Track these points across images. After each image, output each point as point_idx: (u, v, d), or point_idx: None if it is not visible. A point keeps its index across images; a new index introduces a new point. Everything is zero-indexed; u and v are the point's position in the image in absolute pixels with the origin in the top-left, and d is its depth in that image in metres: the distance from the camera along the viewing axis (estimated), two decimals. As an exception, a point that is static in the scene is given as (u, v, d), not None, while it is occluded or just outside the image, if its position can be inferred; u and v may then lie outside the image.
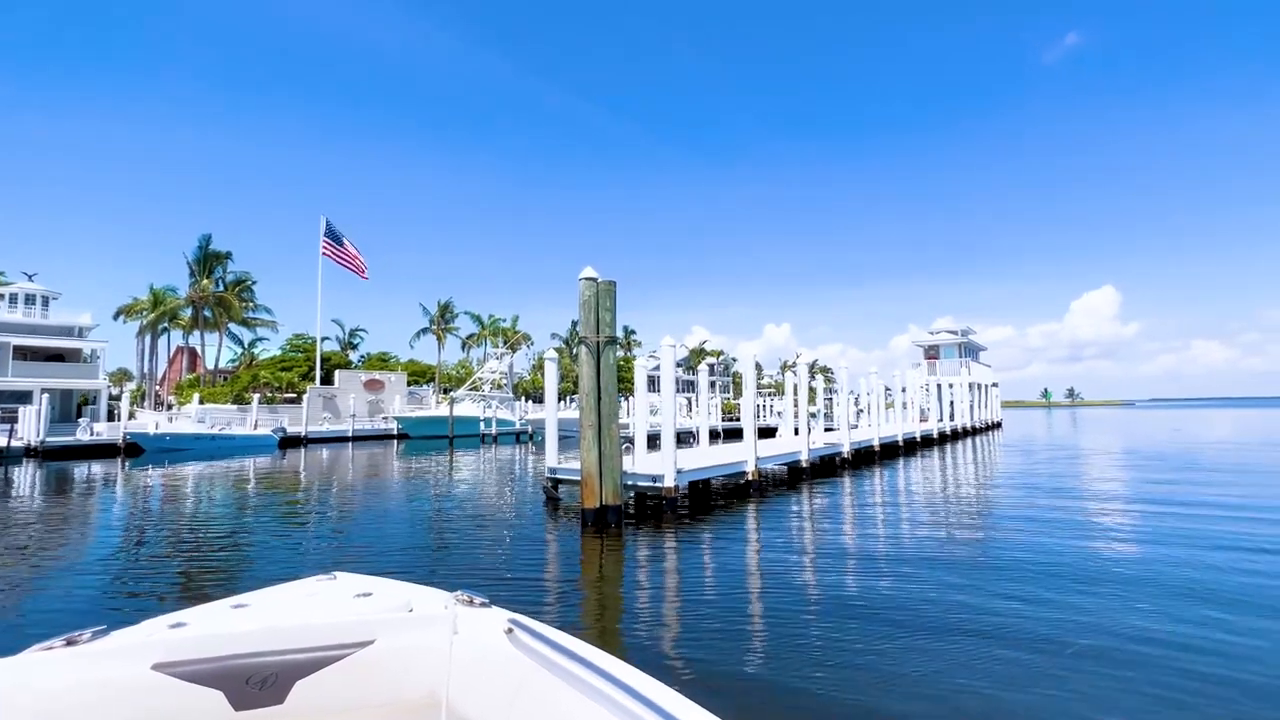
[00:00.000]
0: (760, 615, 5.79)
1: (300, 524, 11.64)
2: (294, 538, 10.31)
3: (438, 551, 8.90)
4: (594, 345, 10.23)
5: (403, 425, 39.32)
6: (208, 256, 49.36)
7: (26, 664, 1.84)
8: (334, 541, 9.89)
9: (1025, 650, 4.73)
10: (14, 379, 33.51)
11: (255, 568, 8.17)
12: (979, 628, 5.22)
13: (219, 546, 9.48)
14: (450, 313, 63.40)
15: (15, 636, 5.67)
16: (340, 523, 11.65)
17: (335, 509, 13.20)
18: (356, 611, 2.20)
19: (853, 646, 4.86)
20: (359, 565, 7.97)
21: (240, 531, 10.76)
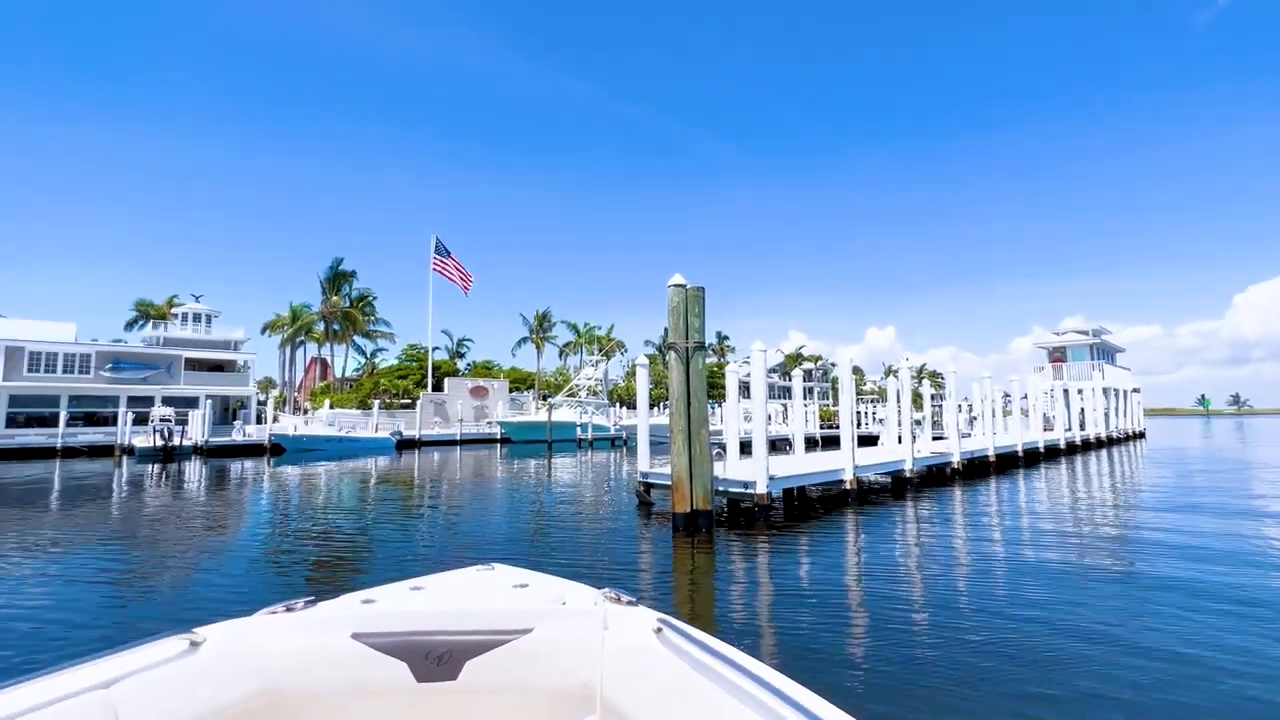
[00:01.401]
0: (860, 627, 5.58)
1: (419, 518, 12.59)
2: (414, 531, 11.19)
3: (538, 547, 9.30)
4: (683, 351, 10.31)
5: (505, 430, 41.33)
6: (336, 276, 54.62)
7: (259, 625, 2.22)
8: (447, 535, 10.63)
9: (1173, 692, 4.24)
10: (185, 387, 38.69)
11: (383, 557, 8.95)
12: (1113, 667, 4.74)
13: (353, 537, 10.47)
14: (548, 322, 65.98)
15: (206, 607, 6.59)
16: (452, 518, 12.50)
17: (447, 506, 14.17)
18: (516, 601, 2.35)
19: (962, 672, 4.57)
20: (468, 557, 8.51)
21: (369, 524, 11.83)
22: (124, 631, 5.70)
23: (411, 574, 3.01)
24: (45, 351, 35.66)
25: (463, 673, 2.14)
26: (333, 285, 54.35)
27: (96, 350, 37.38)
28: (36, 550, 9.34)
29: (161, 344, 40.51)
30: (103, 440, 33.41)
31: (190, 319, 42.65)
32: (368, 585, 2.78)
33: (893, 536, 9.88)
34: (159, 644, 1.97)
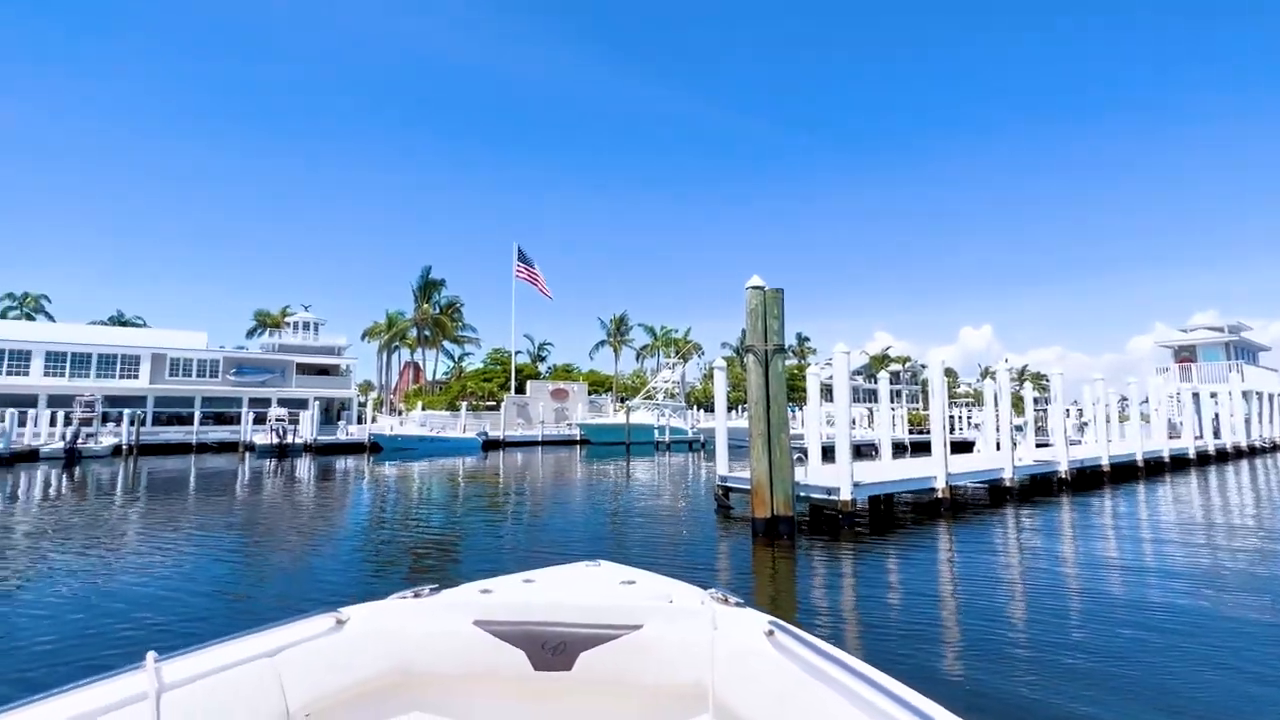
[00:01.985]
0: (954, 646, 5.26)
1: (508, 516, 13.10)
2: (505, 527, 11.67)
3: (618, 546, 9.41)
4: (762, 354, 10.13)
5: (584, 432, 42.18)
6: (427, 284, 57.83)
7: (393, 608, 2.40)
8: (535, 532, 10.99)
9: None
10: (296, 389, 42.18)
11: (480, 551, 9.38)
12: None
13: (452, 532, 11.06)
14: (625, 326, 66.80)
15: (339, 589, 7.14)
16: (537, 516, 12.93)
17: (533, 504, 14.66)
18: (625, 597, 2.40)
19: (1068, 704, 4.21)
20: (553, 553, 8.75)
21: (465, 519, 12.44)
22: (274, 608, 6.36)
23: (505, 566, 3.15)
24: (182, 358, 39.98)
25: (577, 664, 2.21)
26: (423, 293, 57.58)
27: (224, 356, 41.49)
28: (195, 534, 10.50)
29: (277, 350, 44.41)
30: (228, 438, 37.04)
31: (301, 327, 46.49)
32: (463, 576, 2.92)
33: (991, 550, 9.24)
34: (312, 620, 2.20)
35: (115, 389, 36.72)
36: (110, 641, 5.31)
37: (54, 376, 36.22)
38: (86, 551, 9.13)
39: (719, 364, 13.96)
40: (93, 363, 37.47)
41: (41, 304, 53.45)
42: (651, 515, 12.88)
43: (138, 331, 46.27)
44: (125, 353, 38.50)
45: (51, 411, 32.52)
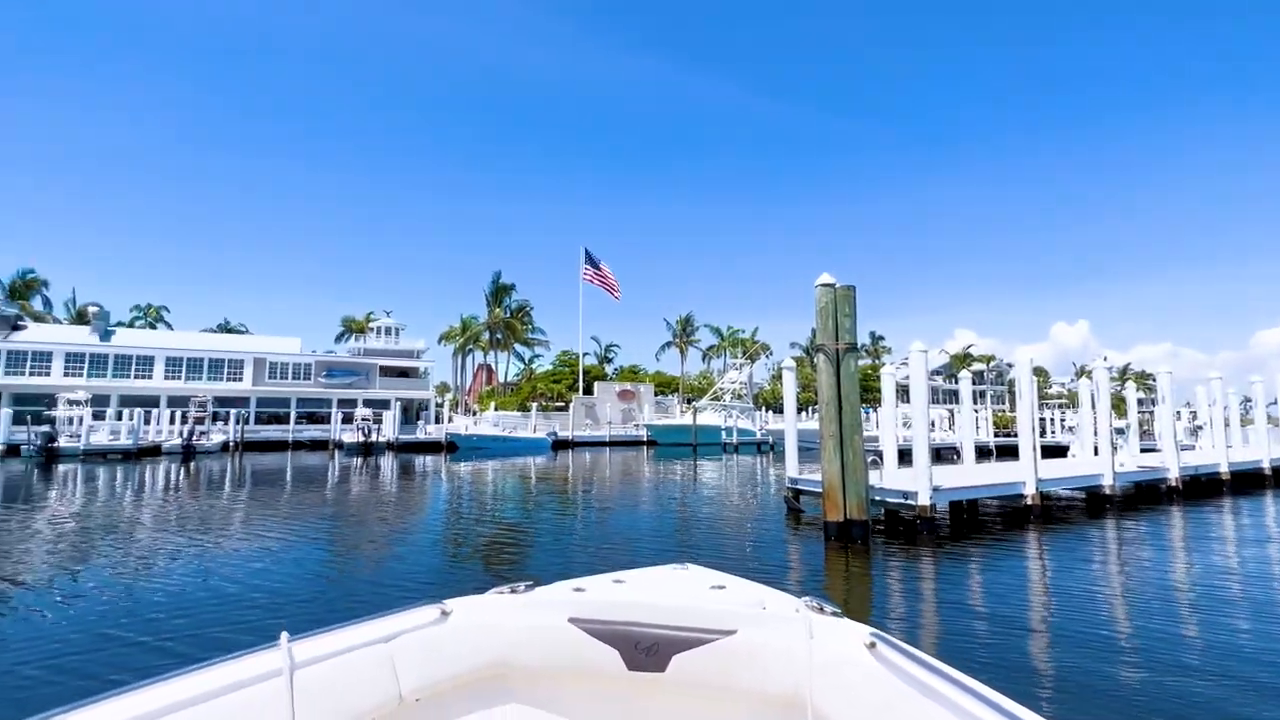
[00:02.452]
0: (1047, 662, 4.93)
1: (580, 513, 13.37)
2: (577, 524, 11.92)
3: (686, 548, 9.40)
4: (833, 353, 9.85)
5: (651, 432, 42.36)
6: (498, 289, 59.80)
7: (492, 602, 2.50)
8: (605, 530, 11.16)
9: None
10: (379, 391, 44.63)
11: (556, 548, 9.63)
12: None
13: (528, 529, 11.42)
14: (691, 326, 66.57)
15: (433, 581, 7.55)
16: (608, 514, 13.12)
17: (604, 503, 14.89)
18: (717, 602, 2.39)
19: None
20: (625, 551, 8.86)
21: (538, 516, 12.81)
22: (373, 595, 6.87)
23: (583, 565, 3.22)
24: (280, 362, 43.17)
25: (670, 666, 2.21)
26: (495, 298, 59.58)
27: (315, 360, 44.47)
28: (300, 525, 11.37)
29: (362, 354, 47.16)
30: (320, 436, 39.66)
31: (383, 332, 49.15)
32: (540, 572, 3.01)
33: (1089, 562, 8.58)
34: (419, 610, 2.33)
35: (223, 391, 40.12)
36: (236, 620, 5.89)
37: (173, 379, 39.98)
38: (209, 538, 10.06)
39: (788, 364, 13.68)
40: (204, 367, 41.10)
41: (161, 314, 59.12)
42: (720, 516, 12.78)
43: (241, 338, 50.36)
44: (231, 358, 41.99)
45: (171, 411, 35.90)
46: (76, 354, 38.31)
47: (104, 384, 37.53)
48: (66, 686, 4.37)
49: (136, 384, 38.80)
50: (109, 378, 38.40)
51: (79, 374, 37.79)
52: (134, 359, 39.64)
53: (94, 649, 5.15)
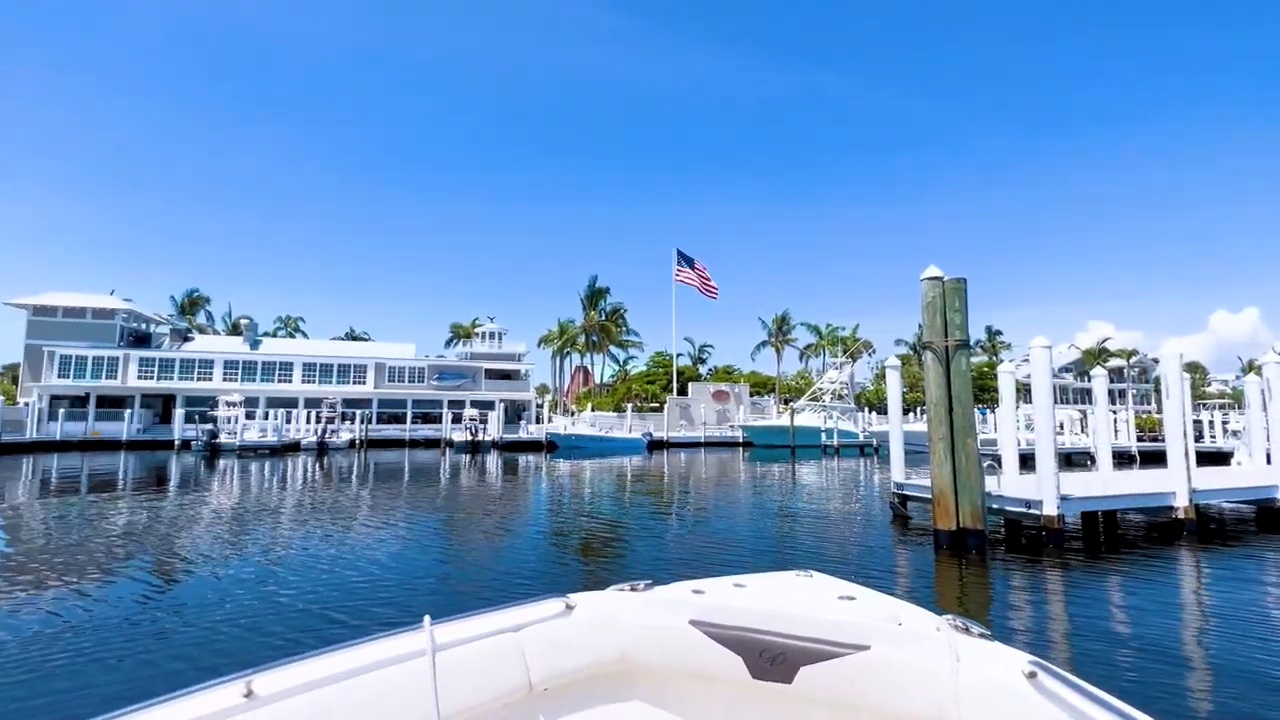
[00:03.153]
0: (1211, 707, 4.34)
1: (675, 512, 13.44)
2: (672, 523, 12.01)
3: (783, 553, 9.17)
4: (941, 351, 9.22)
5: (747, 434, 41.68)
6: (594, 293, 61.31)
7: (613, 598, 2.54)
8: (700, 530, 11.14)
9: None
10: (485, 392, 47.13)
11: (650, 546, 9.77)
12: None
13: (629, 525, 11.66)
14: (787, 325, 64.85)
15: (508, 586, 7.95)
16: (702, 514, 13.08)
17: (698, 503, 14.87)
18: (847, 614, 2.26)
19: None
20: (717, 556, 8.81)
21: (635, 514, 13.03)
22: (500, 584, 7.28)
23: (683, 564, 3.21)
24: (397, 366, 46.74)
25: (798, 678, 2.14)
26: (591, 301, 61.14)
27: (428, 365, 47.71)
28: (425, 515, 12.33)
29: (469, 358, 50.04)
30: (432, 435, 42.48)
31: (487, 336, 51.87)
32: (648, 571, 3.04)
33: (1261, 586, 7.46)
34: (546, 603, 2.40)
35: (350, 393, 44.02)
36: (382, 597, 6.57)
37: (309, 383, 44.42)
38: (352, 524, 11.15)
39: (892, 363, 12.97)
40: (334, 372, 45.31)
41: (299, 324, 65.96)
42: (821, 520, 12.34)
43: (364, 345, 55.04)
44: (356, 363, 46.00)
45: (307, 411, 39.91)
46: (232, 361, 43.52)
47: (254, 387, 42.36)
48: (257, 643, 5.22)
49: (279, 387, 43.46)
50: (258, 382, 43.29)
51: (234, 378, 42.91)
52: (277, 365, 44.42)
53: (276, 613, 6.06)
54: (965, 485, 8.85)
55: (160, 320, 48.00)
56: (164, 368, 41.87)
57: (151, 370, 41.47)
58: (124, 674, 4.69)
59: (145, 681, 4.52)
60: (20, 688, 4.39)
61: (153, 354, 42.13)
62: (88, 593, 6.93)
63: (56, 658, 4.95)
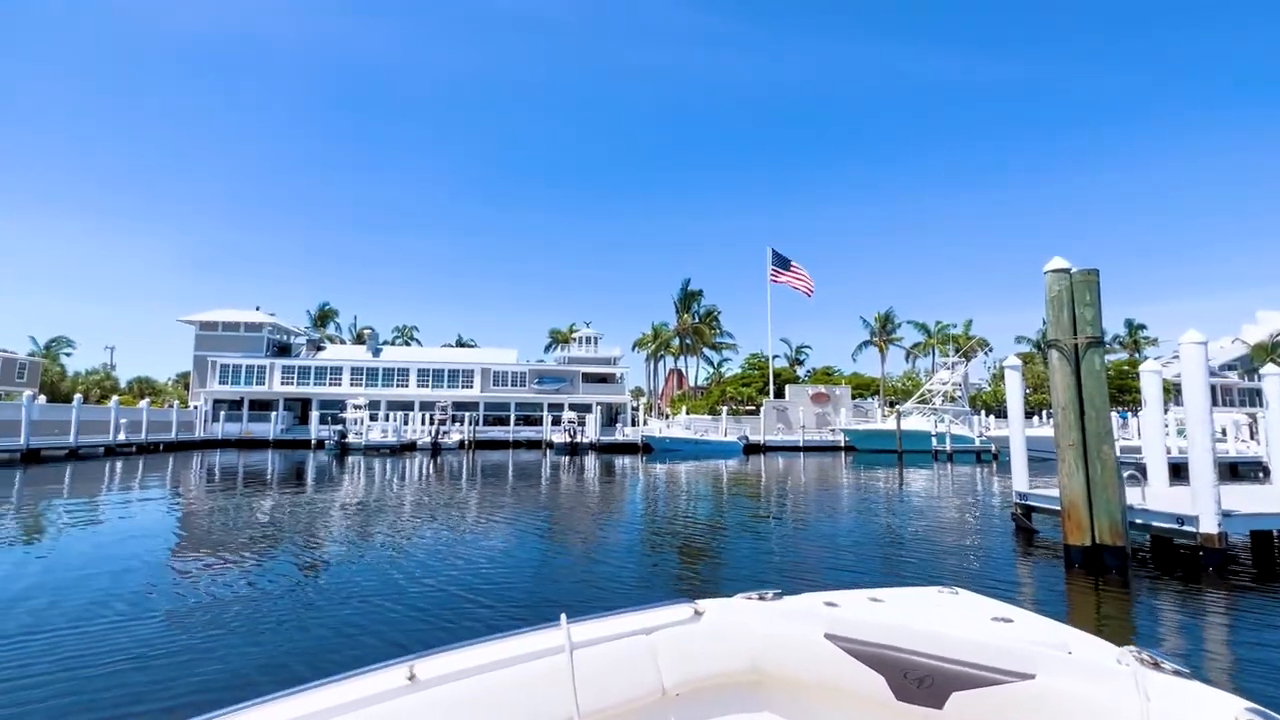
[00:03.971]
0: None
1: (775, 518, 13.19)
2: (771, 529, 11.79)
3: (891, 567, 8.72)
4: (1070, 349, 8.40)
5: (849, 438, 39.98)
6: (687, 296, 61.38)
7: (741, 606, 2.49)
8: (800, 537, 10.86)
9: None
10: (582, 396, 48.49)
11: (752, 554, 9.67)
12: None
13: (725, 530, 11.62)
14: (891, 324, 61.59)
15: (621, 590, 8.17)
16: (803, 521, 12.72)
17: (799, 509, 14.49)
18: (1005, 637, 2.08)
19: None
20: (825, 565, 8.54)
21: (737, 518, 12.94)
22: (619, 584, 7.55)
23: (791, 573, 3.13)
24: (500, 371, 49.21)
25: (949, 704, 1.99)
26: (684, 304, 61.25)
27: (529, 369, 49.83)
28: (538, 514, 12.98)
29: (567, 362, 51.73)
30: (533, 436, 44.30)
31: (584, 341, 53.37)
32: (749, 577, 3.02)
33: None
34: (674, 607, 2.39)
35: (459, 397, 46.86)
36: (522, 588, 7.04)
37: (423, 388, 47.77)
38: (471, 520, 11.91)
39: (1011, 362, 11.96)
40: (445, 377, 48.43)
41: (413, 333, 71.15)
42: (934, 530, 11.60)
43: (471, 351, 58.41)
44: (464, 369, 48.91)
45: (422, 414, 42.96)
46: (357, 368, 47.69)
47: (376, 392, 46.16)
48: (426, 622, 5.84)
49: (398, 391, 47.07)
50: (379, 387, 47.14)
51: (360, 384, 46.99)
52: (395, 371, 48.15)
53: (435, 598, 6.71)
54: (1101, 497, 8.01)
55: (298, 332, 53.55)
56: (301, 375, 46.64)
57: (292, 377, 46.32)
58: (284, 635, 5.48)
59: (301, 641, 5.33)
60: (208, 639, 5.14)
61: (292, 362, 47.03)
62: (255, 567, 8.02)
63: (233, 620, 5.83)
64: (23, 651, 5.07)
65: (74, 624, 5.75)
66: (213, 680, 4.56)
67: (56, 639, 5.35)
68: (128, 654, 5.02)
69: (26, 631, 5.56)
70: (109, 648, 5.16)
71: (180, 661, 4.89)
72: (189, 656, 4.99)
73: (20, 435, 26.72)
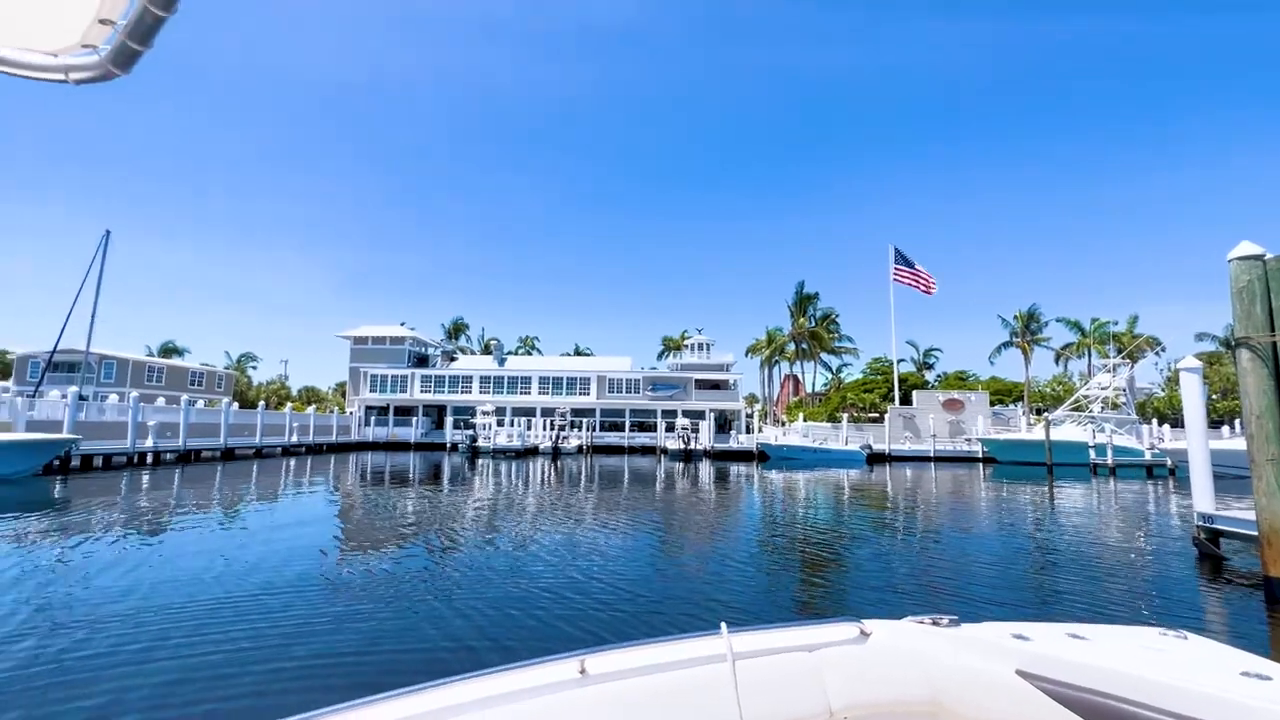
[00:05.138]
0: None
1: (911, 532, 12.44)
2: (908, 545, 11.13)
3: (1047, 596, 7.87)
4: (1265, 347, 7.17)
5: (989, 448, 36.64)
6: (802, 299, 59.50)
7: (914, 631, 2.33)
8: (930, 556, 10.14)
9: None
10: (695, 402, 48.55)
11: (869, 574, 9.24)
12: None
13: (857, 542, 11.19)
14: (1036, 322, 55.68)
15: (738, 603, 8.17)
16: (932, 545, 11.75)
17: (934, 523, 13.55)
18: (1262, 697, 1.72)
19: None
20: (955, 597, 7.94)
21: (864, 532, 12.40)
22: (752, 596, 7.62)
23: (936, 595, 2.93)
24: (615, 378, 50.55)
25: None
26: (799, 308, 59.41)
27: (642, 376, 50.76)
28: (664, 520, 13.34)
29: (679, 369, 52.09)
30: (648, 442, 45.04)
31: (696, 348, 53.48)
32: (889, 597, 2.91)
33: None
34: (838, 625, 2.28)
35: (576, 403, 48.78)
36: (681, 596, 7.27)
37: (544, 395, 50.28)
38: (600, 523, 12.44)
39: (1189, 364, 10.37)
40: (563, 384, 50.65)
41: (534, 343, 75.07)
42: (1096, 554, 10.32)
43: (588, 360, 60.61)
44: (581, 376, 50.84)
45: (543, 420, 45.21)
46: (485, 377, 51.16)
47: (501, 399, 49.25)
48: (601, 620, 6.20)
49: (521, 398, 49.90)
50: (504, 394, 50.24)
51: (487, 391, 50.37)
52: (519, 379, 51.10)
53: (613, 595, 7.12)
54: (1315, 523, 6.74)
55: (434, 344, 58.51)
56: (437, 384, 50.85)
57: (429, 386, 50.65)
58: (453, 609, 6.29)
59: (467, 617, 6.14)
60: (388, 611, 5.86)
61: (429, 372, 51.42)
62: (421, 552, 9.05)
63: (406, 598, 6.58)
64: (215, 614, 6.04)
65: (253, 595, 6.74)
66: (404, 657, 5.14)
67: (240, 601, 6.31)
68: (321, 623, 5.81)
69: (218, 602, 6.59)
70: (302, 617, 5.99)
71: (365, 637, 5.57)
72: (360, 636, 5.66)
73: (220, 436, 31.58)
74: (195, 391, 47.89)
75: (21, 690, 4.46)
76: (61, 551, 9.19)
